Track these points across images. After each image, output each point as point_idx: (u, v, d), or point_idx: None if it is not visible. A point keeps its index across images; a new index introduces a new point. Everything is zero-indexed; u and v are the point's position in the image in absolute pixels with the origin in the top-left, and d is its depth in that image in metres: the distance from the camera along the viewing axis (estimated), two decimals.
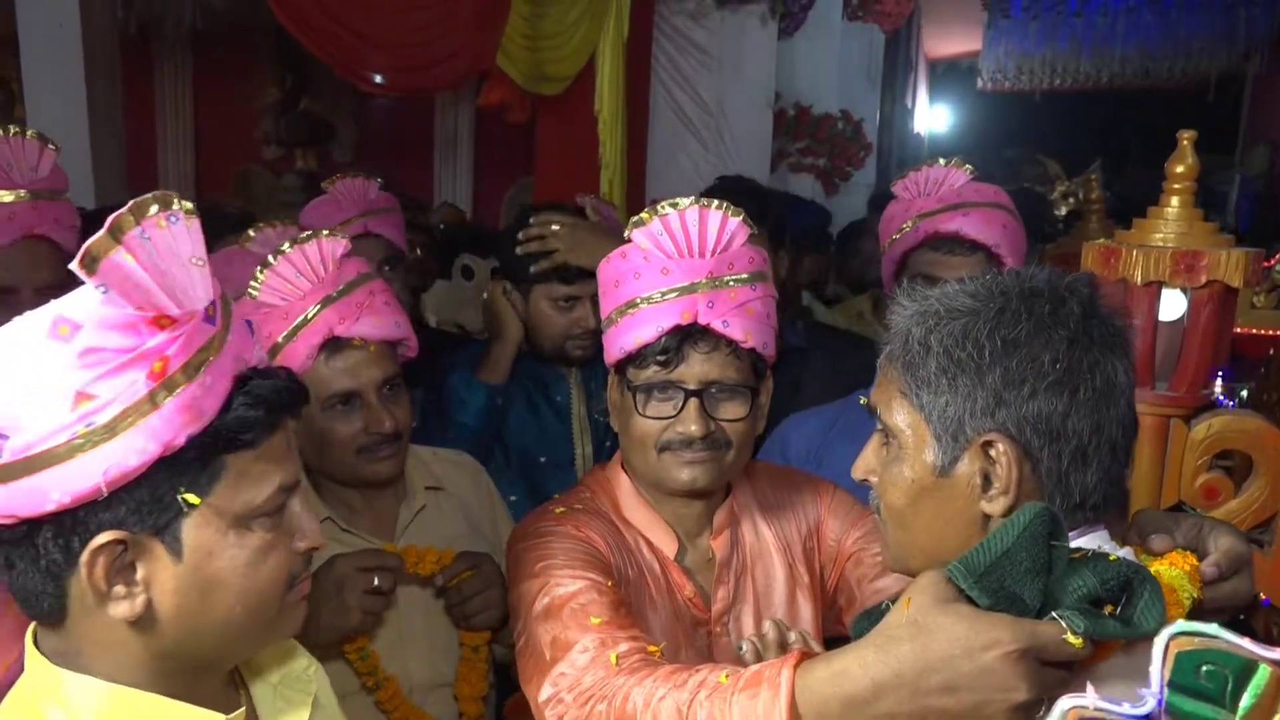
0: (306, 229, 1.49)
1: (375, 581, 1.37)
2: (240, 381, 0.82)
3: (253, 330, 0.88)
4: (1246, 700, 0.71)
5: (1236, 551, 0.97)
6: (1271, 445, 1.51)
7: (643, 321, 1.28)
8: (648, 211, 1.30)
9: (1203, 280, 1.44)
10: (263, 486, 0.84)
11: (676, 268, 1.28)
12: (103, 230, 0.73)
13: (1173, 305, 1.49)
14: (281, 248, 1.43)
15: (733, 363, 1.30)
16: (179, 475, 0.79)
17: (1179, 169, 1.49)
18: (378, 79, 3.15)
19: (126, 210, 0.74)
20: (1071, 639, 0.78)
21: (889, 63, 7.17)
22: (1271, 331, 2.93)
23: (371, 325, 1.46)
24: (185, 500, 0.79)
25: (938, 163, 1.88)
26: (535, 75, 3.78)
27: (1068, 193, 8.14)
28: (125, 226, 0.73)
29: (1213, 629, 0.72)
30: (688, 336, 1.28)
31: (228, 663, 0.93)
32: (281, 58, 6.83)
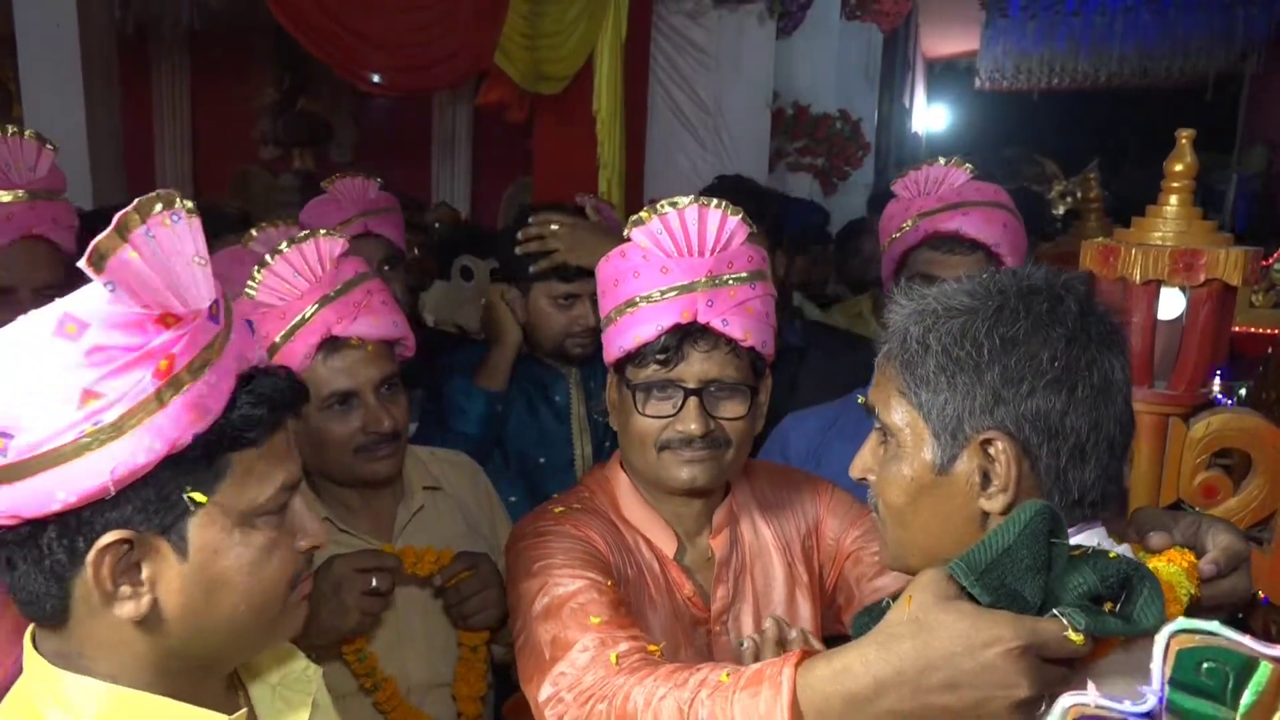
0: (306, 228, 1.49)
1: (373, 582, 1.37)
2: (243, 380, 0.82)
3: (252, 329, 0.88)
4: (1247, 698, 0.71)
5: (1234, 549, 0.97)
6: (1270, 443, 1.51)
7: (642, 320, 1.28)
8: (647, 210, 1.30)
9: (1201, 279, 1.44)
10: (267, 485, 0.84)
11: (676, 266, 1.28)
12: (110, 228, 0.72)
13: (1171, 304, 1.49)
14: (279, 247, 1.42)
15: (732, 361, 1.30)
16: (185, 474, 0.79)
17: (1178, 167, 1.49)
18: (376, 79, 3.14)
19: (132, 209, 0.74)
20: (1073, 636, 0.78)
21: (887, 62, 7.17)
22: (1270, 330, 2.93)
23: (369, 325, 1.46)
24: (192, 499, 0.79)
25: (938, 161, 1.87)
26: (534, 75, 3.78)
27: (1065, 192, 8.15)
28: (131, 225, 0.73)
29: (1214, 626, 0.73)
30: (687, 335, 1.28)
31: (230, 663, 0.93)
32: (279, 58, 6.82)
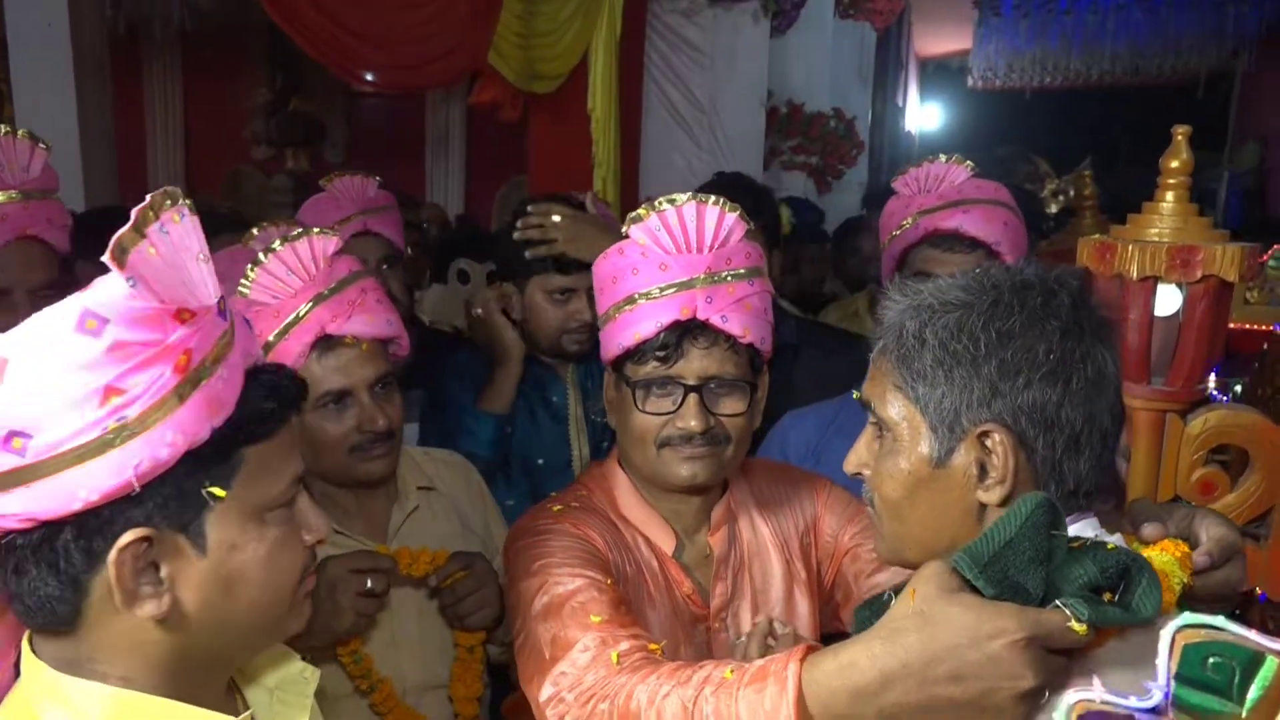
0: (305, 227, 1.48)
1: (368, 583, 1.36)
2: (249, 375, 0.82)
3: (250, 327, 0.88)
4: (1254, 692, 0.71)
5: (1227, 540, 0.98)
6: (1267, 440, 1.51)
7: (641, 317, 1.28)
8: (645, 207, 1.30)
9: (1198, 275, 1.43)
10: (278, 479, 0.84)
11: (675, 263, 1.28)
12: (128, 224, 0.72)
13: (1168, 300, 1.49)
14: (272, 245, 1.42)
15: (731, 358, 1.30)
16: (201, 470, 0.79)
17: (1174, 164, 1.48)
18: (370, 77, 3.13)
19: (145, 205, 0.74)
20: (1076, 626, 0.79)
21: (880, 61, 7.17)
22: (1265, 327, 2.93)
23: (363, 323, 1.45)
24: (211, 494, 0.79)
25: (938, 159, 1.86)
26: (528, 73, 3.78)
27: (1057, 190, 8.18)
28: (147, 221, 0.73)
29: (1220, 621, 0.73)
30: (687, 332, 1.28)
31: (239, 661, 0.93)
32: (272, 57, 6.81)
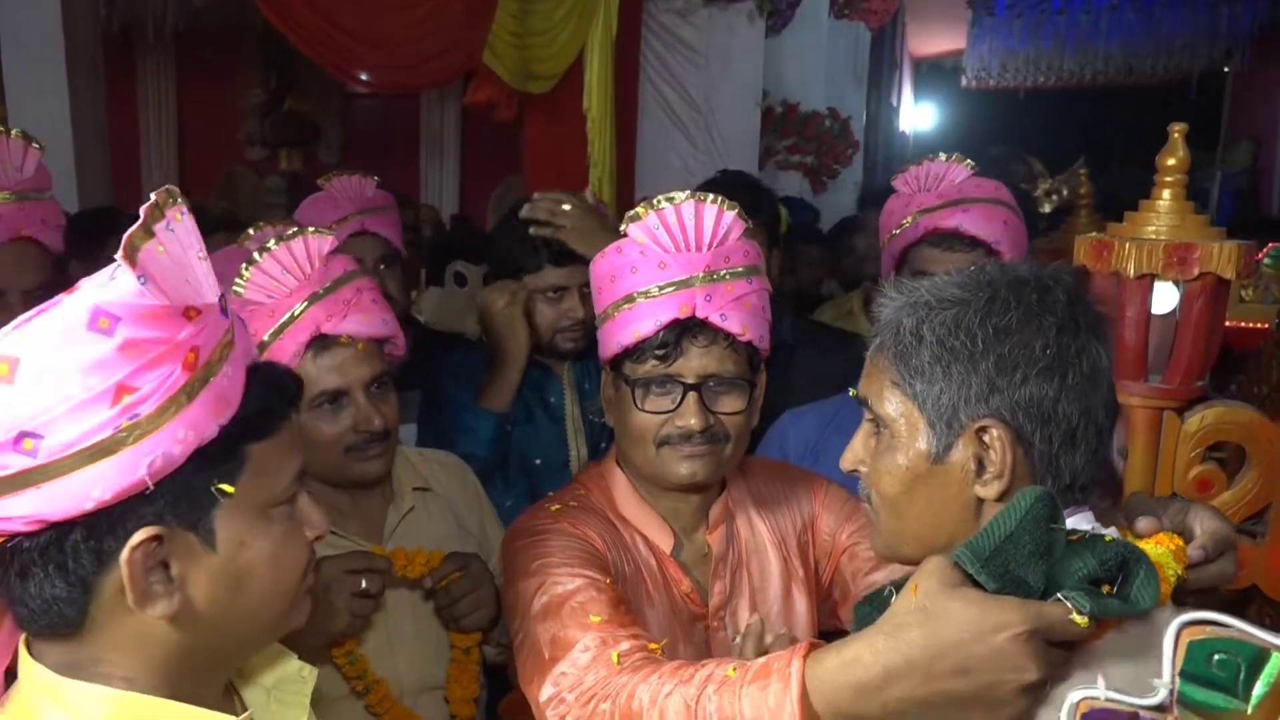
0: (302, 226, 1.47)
1: (363, 584, 1.36)
2: (249, 373, 0.83)
3: (245, 326, 0.88)
4: (1259, 689, 0.71)
5: (1221, 534, 0.99)
6: (1264, 437, 1.51)
7: (640, 316, 1.28)
8: (644, 206, 1.30)
9: (1195, 273, 1.43)
10: (282, 475, 0.85)
11: (674, 262, 1.28)
12: (137, 223, 0.73)
13: (1165, 298, 1.49)
14: (267, 244, 1.41)
15: (730, 356, 1.30)
16: (209, 467, 0.79)
17: (1170, 162, 1.48)
18: (365, 77, 3.13)
19: (152, 204, 0.74)
20: (1077, 618, 0.79)
21: (874, 61, 7.17)
22: (1260, 325, 2.94)
23: (359, 323, 1.45)
24: (221, 490, 0.79)
25: (938, 157, 1.86)
26: (523, 73, 3.77)
27: (1051, 190, 8.19)
28: (154, 219, 0.74)
29: (1224, 618, 0.72)
30: (686, 330, 1.28)
31: (242, 659, 0.93)
32: (266, 58, 6.80)
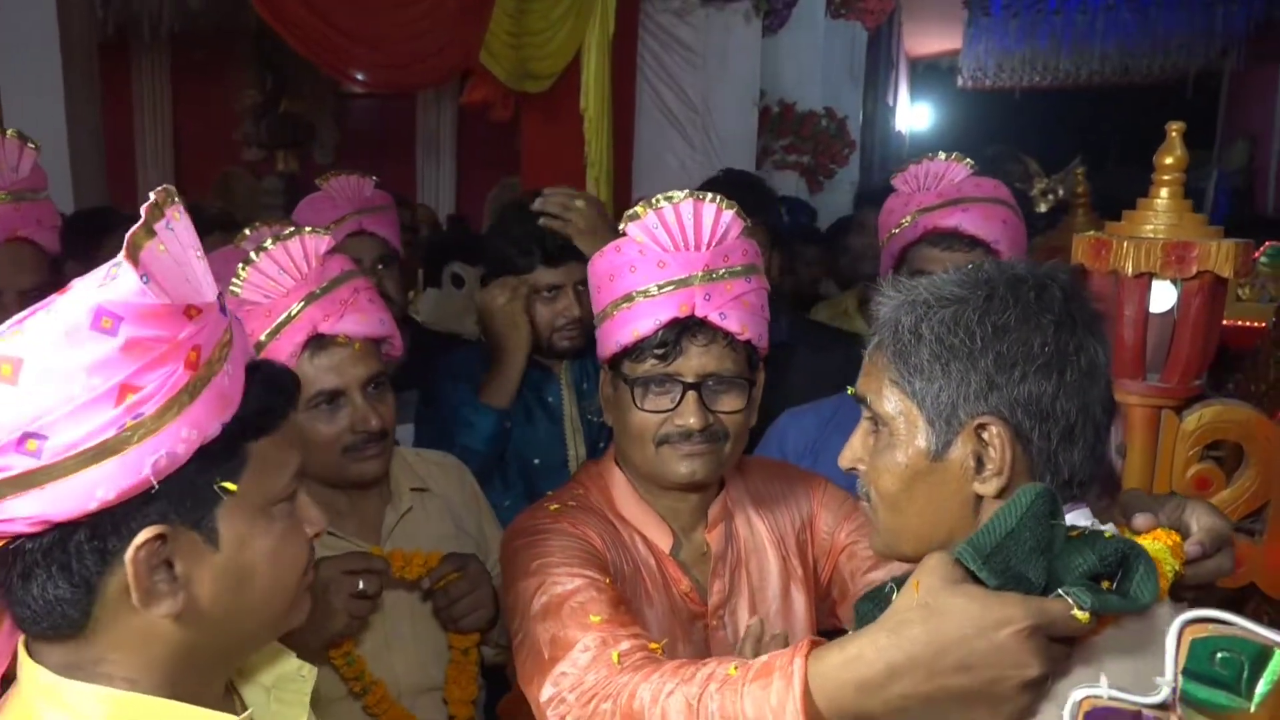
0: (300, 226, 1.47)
1: (361, 585, 1.36)
2: (249, 371, 0.83)
3: (242, 326, 0.88)
4: (1262, 687, 0.71)
5: (1217, 529, 1.00)
6: (1262, 435, 1.51)
7: (640, 315, 1.28)
8: (643, 205, 1.30)
9: (1193, 271, 1.44)
10: (282, 473, 0.85)
11: (673, 261, 1.28)
12: (139, 223, 0.73)
13: (1163, 297, 1.50)
14: (264, 244, 1.41)
15: (729, 355, 1.30)
16: (212, 465, 0.79)
17: (1168, 160, 1.49)
18: (361, 77, 3.12)
19: (152, 203, 0.75)
20: (1079, 614, 0.80)
21: (870, 61, 7.18)
22: (1257, 323, 2.95)
23: (356, 322, 1.44)
24: (224, 488, 0.80)
25: (937, 156, 1.86)
26: (520, 73, 3.76)
27: (1046, 190, 8.21)
28: (154, 218, 0.74)
29: (1227, 615, 0.72)
30: (685, 329, 1.28)
31: (241, 658, 0.93)
32: (261, 59, 6.79)
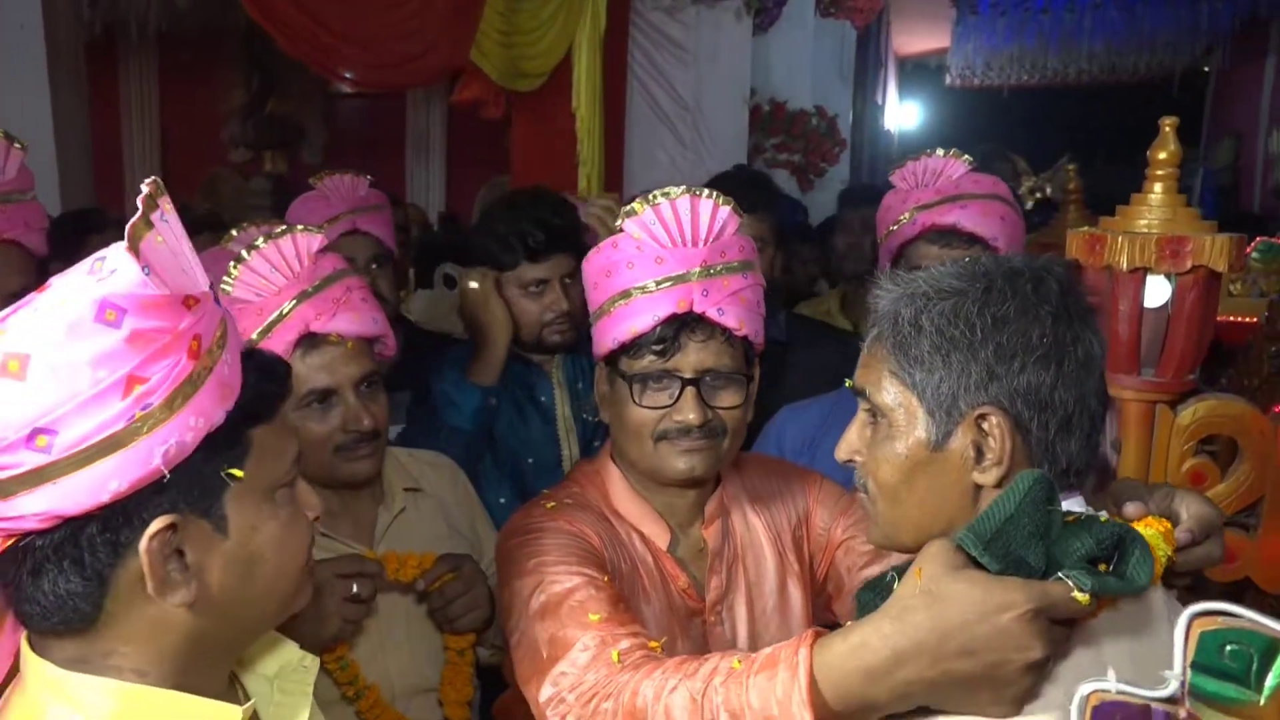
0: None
1: (354, 588, 1.35)
2: (244, 360, 0.84)
3: (234, 318, 0.88)
4: (1271, 679, 0.71)
5: (1207, 517, 1.01)
6: (1256, 429, 1.52)
7: (638, 311, 1.28)
8: (639, 201, 1.30)
9: (1188, 265, 1.44)
10: (283, 458, 0.86)
11: (671, 257, 1.27)
12: (137, 215, 0.74)
13: (1158, 291, 1.50)
14: (255, 243, 1.40)
15: (727, 350, 1.30)
16: (217, 453, 0.80)
17: (1161, 155, 1.49)
18: (350, 76, 3.10)
19: (147, 195, 0.75)
20: (1079, 596, 0.81)
21: (860, 60, 7.19)
22: (1249, 318, 2.97)
23: (348, 321, 1.44)
24: (231, 475, 0.80)
25: (935, 153, 1.86)
26: (511, 71, 3.75)
27: (1035, 188, 8.24)
28: (150, 210, 0.75)
29: (1236, 608, 0.72)
30: (684, 325, 1.28)
31: (246, 646, 0.93)
32: (249, 59, 6.75)
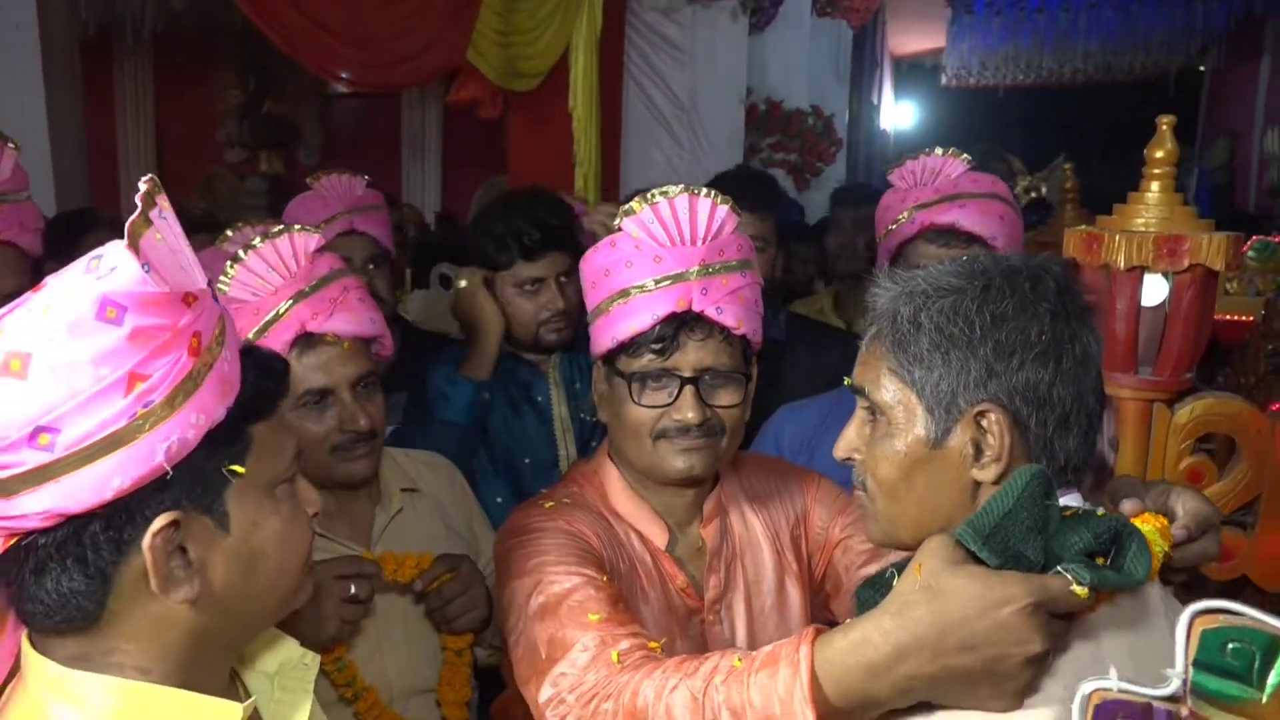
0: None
1: (352, 589, 1.35)
2: (242, 357, 0.84)
3: (231, 316, 0.88)
4: (1274, 677, 0.71)
5: (1203, 513, 1.02)
6: (1253, 428, 1.52)
7: (636, 310, 1.28)
8: (638, 200, 1.30)
9: (1185, 264, 1.44)
10: (282, 454, 0.86)
11: (669, 255, 1.27)
12: (136, 212, 0.74)
13: (1155, 290, 1.50)
14: (252, 242, 1.40)
15: (726, 349, 1.30)
16: (219, 450, 0.80)
17: (1159, 154, 1.49)
18: (347, 75, 3.10)
19: (145, 193, 0.75)
20: (1078, 589, 0.82)
21: (855, 60, 7.20)
22: (1246, 317, 2.97)
23: (345, 321, 1.43)
24: (233, 471, 0.80)
25: (933, 152, 1.86)
26: (508, 71, 3.75)
27: (1030, 187, 8.24)
28: (149, 208, 0.75)
29: (1237, 606, 0.72)
30: (683, 324, 1.28)
31: (249, 641, 0.93)
32: (244, 59, 6.74)
